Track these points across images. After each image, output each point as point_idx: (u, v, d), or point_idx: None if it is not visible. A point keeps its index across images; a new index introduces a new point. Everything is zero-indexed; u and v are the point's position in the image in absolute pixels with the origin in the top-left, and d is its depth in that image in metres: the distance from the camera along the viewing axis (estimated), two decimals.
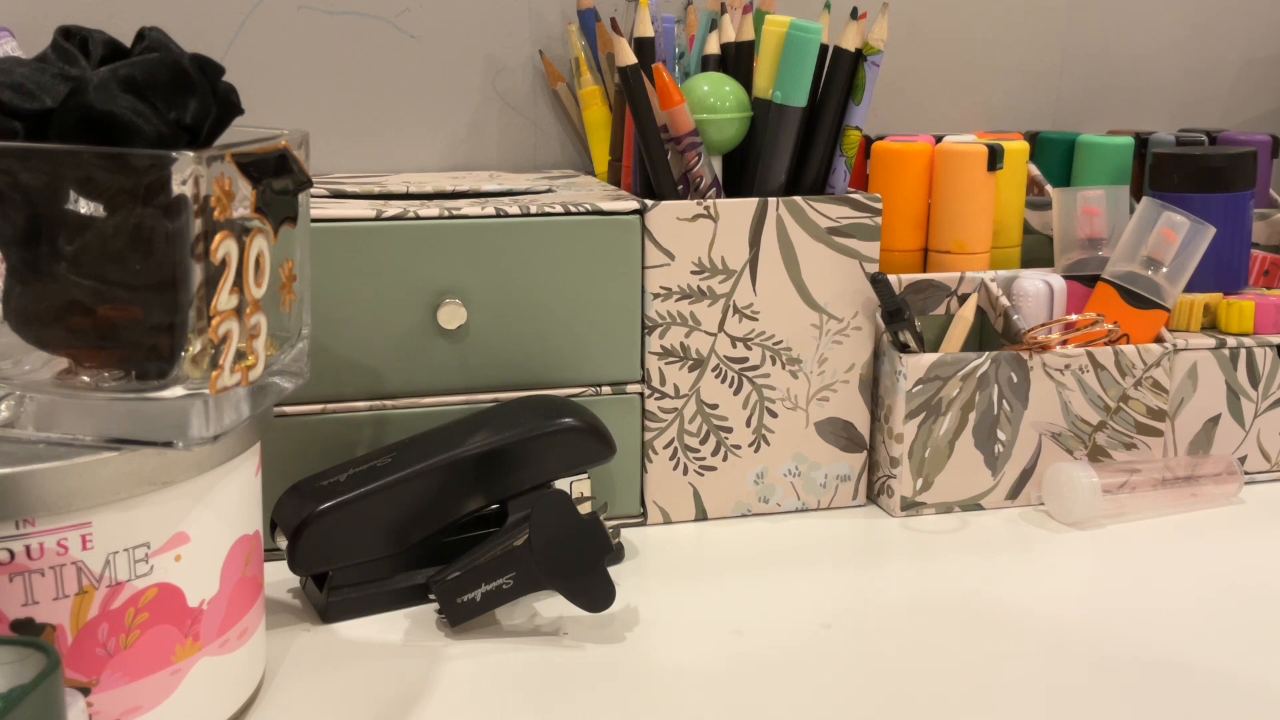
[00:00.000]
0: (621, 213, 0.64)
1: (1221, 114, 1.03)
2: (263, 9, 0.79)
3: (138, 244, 0.40)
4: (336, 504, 0.55)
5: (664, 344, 0.66)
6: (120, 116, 0.40)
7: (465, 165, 0.85)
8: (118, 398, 0.42)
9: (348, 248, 0.61)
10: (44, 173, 0.40)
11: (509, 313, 0.64)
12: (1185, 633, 0.55)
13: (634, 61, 0.65)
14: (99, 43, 0.43)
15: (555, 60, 0.84)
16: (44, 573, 0.40)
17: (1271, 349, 0.74)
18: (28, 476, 0.39)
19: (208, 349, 0.41)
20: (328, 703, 0.49)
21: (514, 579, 0.55)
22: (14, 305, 0.42)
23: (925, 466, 0.68)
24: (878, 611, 0.58)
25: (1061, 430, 0.70)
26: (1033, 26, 0.96)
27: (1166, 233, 0.71)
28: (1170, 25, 0.99)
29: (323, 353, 0.60)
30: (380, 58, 0.82)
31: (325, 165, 0.81)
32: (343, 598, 0.57)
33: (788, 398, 0.68)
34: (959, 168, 0.75)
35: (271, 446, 0.60)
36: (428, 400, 0.63)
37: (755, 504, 0.70)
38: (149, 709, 0.43)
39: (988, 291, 0.73)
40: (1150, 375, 0.71)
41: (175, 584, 0.43)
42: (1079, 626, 0.56)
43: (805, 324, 0.68)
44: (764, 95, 0.67)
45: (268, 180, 0.43)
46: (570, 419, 0.59)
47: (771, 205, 0.66)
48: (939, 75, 0.94)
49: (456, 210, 0.62)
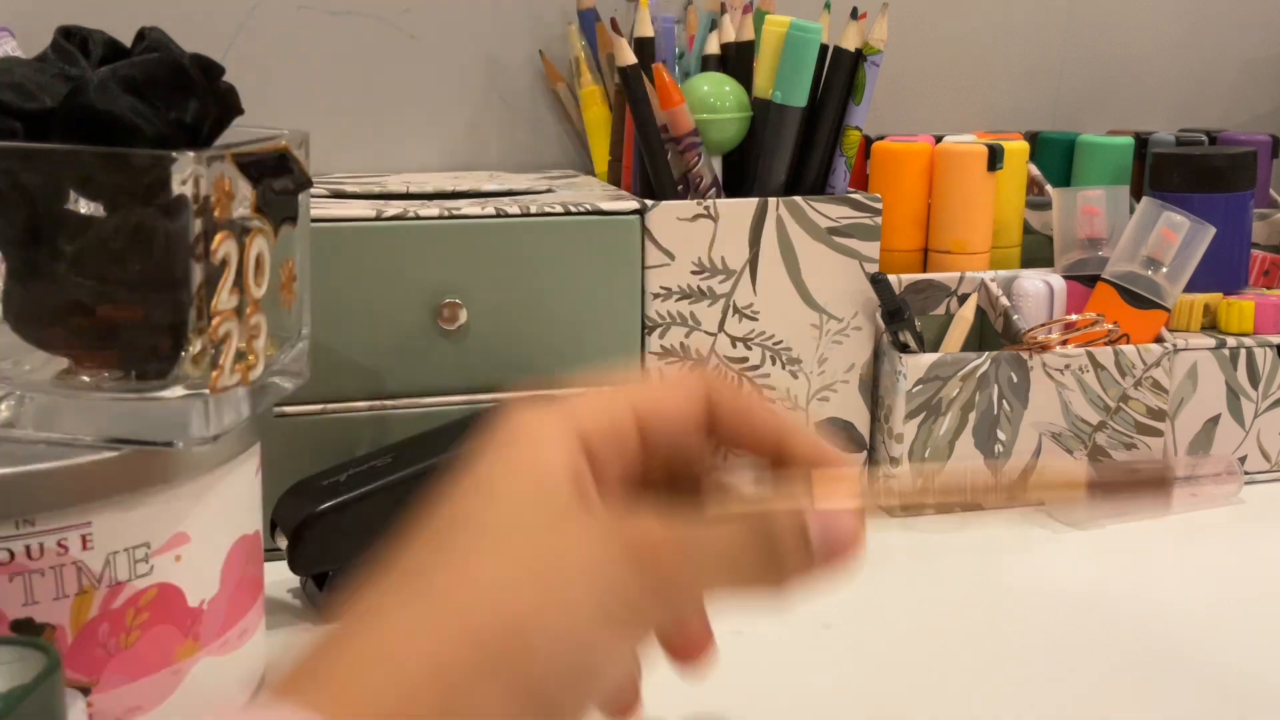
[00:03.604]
0: (621, 213, 0.64)
1: (1221, 114, 1.03)
2: (263, 9, 0.79)
3: (138, 244, 0.40)
4: (336, 504, 0.55)
5: (664, 344, 0.66)
6: (120, 116, 0.40)
7: (465, 165, 0.85)
8: (118, 398, 0.42)
9: (348, 248, 0.61)
10: (44, 173, 0.40)
11: (509, 313, 0.64)
12: (1185, 633, 0.55)
13: (634, 61, 0.65)
14: (99, 43, 0.43)
15: (555, 60, 0.84)
16: (44, 573, 0.40)
17: (1271, 349, 0.74)
18: (28, 476, 0.39)
19: (208, 349, 0.41)
20: None
21: None
22: (14, 305, 0.42)
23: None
24: (878, 612, 0.58)
25: (1061, 430, 0.70)
26: (1033, 26, 0.96)
27: (1166, 233, 0.71)
28: (1170, 25, 0.99)
29: (323, 353, 0.60)
30: (380, 58, 0.82)
31: (325, 165, 0.81)
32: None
33: (788, 398, 0.68)
34: (959, 168, 0.75)
35: (271, 446, 0.60)
36: (428, 400, 0.63)
37: None
38: (149, 709, 0.43)
39: (988, 291, 0.73)
40: (1150, 375, 0.71)
41: (175, 584, 0.43)
42: (1079, 627, 0.56)
43: (805, 324, 0.68)
44: (764, 95, 0.67)
45: (268, 180, 0.43)
46: None
47: (771, 205, 0.66)
48: (939, 75, 0.94)
49: (456, 210, 0.62)
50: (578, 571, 0.29)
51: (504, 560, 0.29)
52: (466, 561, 0.29)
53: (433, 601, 0.28)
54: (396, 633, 0.28)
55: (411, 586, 0.29)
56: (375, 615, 0.28)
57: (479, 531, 0.30)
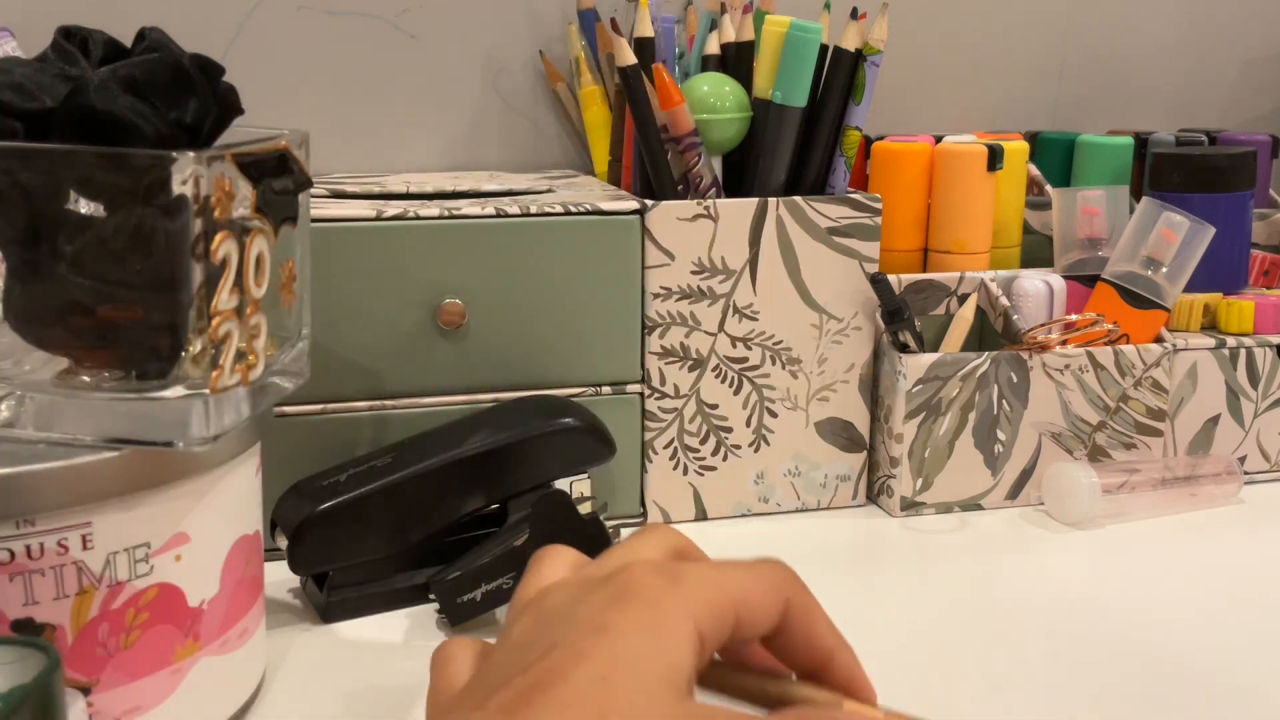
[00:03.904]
0: (621, 213, 0.64)
1: (1221, 114, 1.03)
2: (262, 9, 0.79)
3: (138, 244, 0.40)
4: (336, 504, 0.55)
5: (664, 344, 0.66)
6: (120, 116, 0.40)
7: (465, 165, 0.85)
8: (118, 398, 0.42)
9: (348, 248, 0.61)
10: (44, 173, 0.40)
11: (509, 313, 0.64)
12: (1185, 633, 0.55)
13: (634, 61, 0.65)
14: (99, 43, 0.43)
15: (555, 60, 0.84)
16: (44, 573, 0.40)
17: (1271, 349, 0.74)
18: (28, 476, 0.39)
19: (208, 349, 0.41)
20: (328, 703, 0.49)
21: (514, 579, 0.55)
22: (14, 305, 0.42)
23: (925, 466, 0.68)
24: (878, 612, 0.58)
25: (1061, 430, 0.70)
26: (1033, 26, 0.96)
27: (1166, 233, 0.71)
28: (1170, 25, 0.99)
29: (323, 353, 0.60)
30: (380, 58, 0.82)
31: (325, 165, 0.81)
32: (343, 598, 0.57)
33: (788, 398, 0.68)
34: (959, 168, 0.75)
35: (271, 446, 0.60)
36: (428, 400, 0.63)
37: (755, 504, 0.70)
38: (149, 709, 0.43)
39: (988, 291, 0.73)
40: (1150, 375, 0.71)
41: (175, 584, 0.43)
42: (1079, 627, 0.56)
43: (805, 324, 0.68)
44: (764, 95, 0.67)
45: (268, 180, 0.43)
46: (570, 419, 0.59)
47: (771, 205, 0.66)
48: (939, 75, 0.94)
49: (456, 210, 0.62)
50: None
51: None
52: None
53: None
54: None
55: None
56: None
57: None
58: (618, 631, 0.30)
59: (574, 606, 0.32)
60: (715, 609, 0.32)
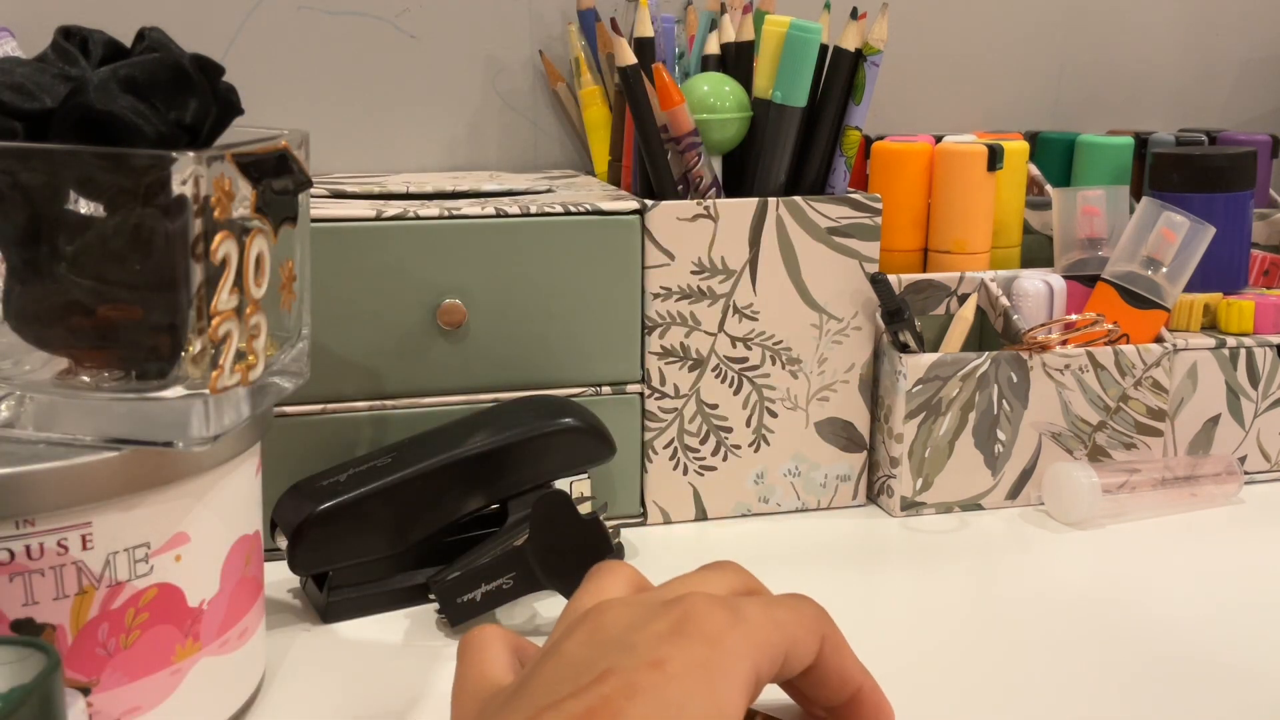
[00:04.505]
0: (621, 213, 0.64)
1: (1221, 114, 1.03)
2: (263, 9, 0.79)
3: (138, 244, 0.40)
4: (336, 504, 0.55)
5: (664, 344, 0.66)
6: (120, 116, 0.40)
7: (465, 165, 0.85)
8: (118, 398, 0.42)
9: (348, 248, 0.61)
10: (44, 173, 0.40)
11: (509, 313, 0.64)
12: (1185, 632, 0.55)
13: (634, 61, 0.65)
14: (99, 43, 0.43)
15: (555, 60, 0.84)
16: (44, 573, 0.40)
17: (1271, 349, 0.74)
18: (28, 476, 0.39)
19: (208, 349, 0.41)
20: (328, 703, 0.49)
21: (514, 579, 0.55)
22: (14, 305, 0.42)
23: (925, 466, 0.68)
24: (877, 612, 0.58)
25: (1061, 430, 0.70)
26: (1033, 26, 0.96)
27: (1166, 233, 0.71)
28: (1170, 25, 0.99)
29: (323, 353, 0.60)
30: (380, 58, 0.82)
31: (325, 165, 0.81)
32: (343, 598, 0.57)
33: (788, 398, 0.68)
34: (959, 168, 0.75)
35: (271, 446, 0.60)
36: (428, 400, 0.63)
37: (755, 504, 0.70)
38: (149, 709, 0.43)
39: (988, 291, 0.73)
40: (1150, 375, 0.71)
41: (175, 584, 0.43)
42: (1079, 627, 0.56)
43: (805, 324, 0.68)
44: (764, 95, 0.67)
45: (268, 180, 0.43)
46: (570, 419, 0.59)
47: (771, 205, 0.66)
48: (939, 75, 0.94)
49: (456, 210, 0.62)
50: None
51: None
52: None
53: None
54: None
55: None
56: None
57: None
58: (674, 672, 0.30)
59: (632, 633, 0.31)
60: (772, 650, 0.32)
